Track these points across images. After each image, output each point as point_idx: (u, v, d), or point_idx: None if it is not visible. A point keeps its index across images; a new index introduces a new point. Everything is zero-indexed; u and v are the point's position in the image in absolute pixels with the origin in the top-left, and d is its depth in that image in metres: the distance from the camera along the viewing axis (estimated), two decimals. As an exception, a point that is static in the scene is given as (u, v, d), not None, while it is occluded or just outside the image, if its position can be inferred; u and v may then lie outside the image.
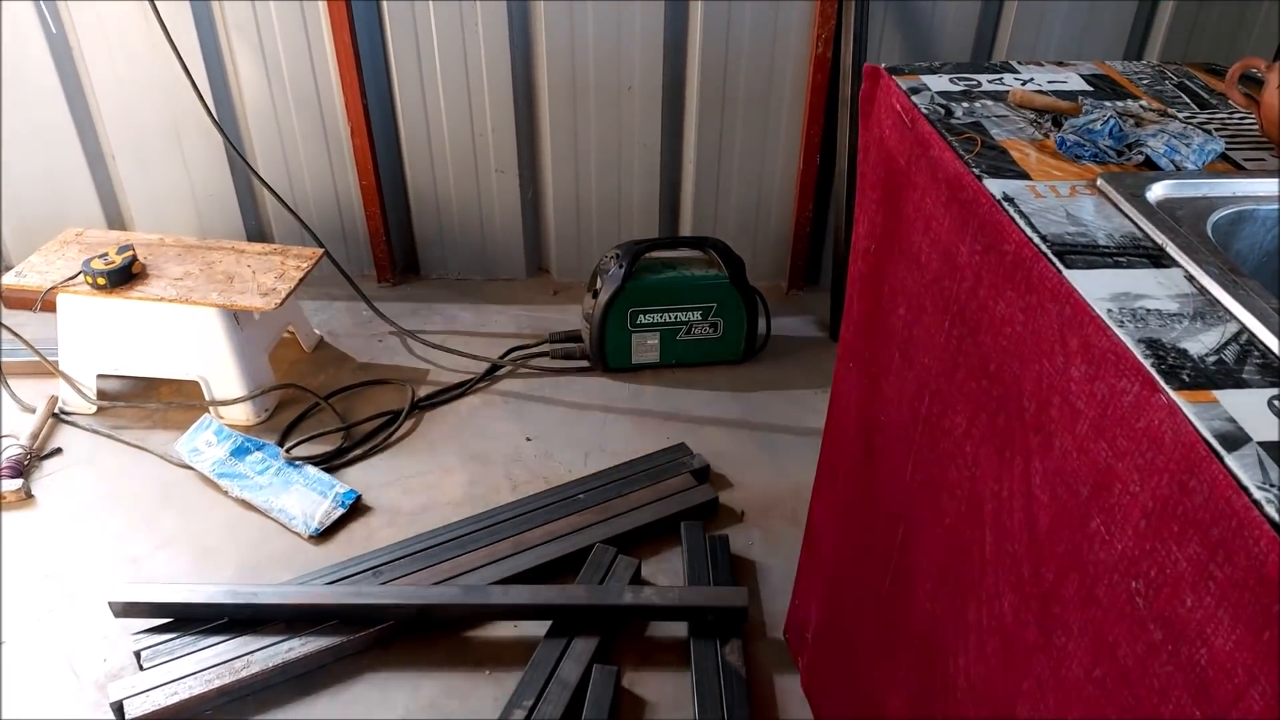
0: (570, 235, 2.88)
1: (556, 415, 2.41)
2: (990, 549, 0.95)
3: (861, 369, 1.34)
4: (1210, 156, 1.03)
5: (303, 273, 2.34)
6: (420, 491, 2.17)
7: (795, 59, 2.55)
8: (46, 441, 2.27)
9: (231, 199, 2.79)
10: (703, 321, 2.52)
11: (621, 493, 2.11)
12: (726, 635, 1.79)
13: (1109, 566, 0.74)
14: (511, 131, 2.68)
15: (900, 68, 1.25)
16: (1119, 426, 0.72)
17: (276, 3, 2.48)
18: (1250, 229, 0.97)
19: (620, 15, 2.49)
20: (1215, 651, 0.62)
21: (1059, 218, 0.90)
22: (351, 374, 2.52)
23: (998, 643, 0.94)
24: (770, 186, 2.78)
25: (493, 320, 2.77)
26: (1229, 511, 0.61)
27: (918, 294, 1.11)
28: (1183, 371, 0.70)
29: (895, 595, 1.24)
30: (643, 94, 2.62)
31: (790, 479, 2.20)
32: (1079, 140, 1.03)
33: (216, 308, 2.21)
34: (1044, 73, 1.26)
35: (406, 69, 2.59)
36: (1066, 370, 0.79)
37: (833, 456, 1.52)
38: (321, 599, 1.81)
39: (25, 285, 2.25)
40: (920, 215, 1.10)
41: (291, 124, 2.67)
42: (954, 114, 1.12)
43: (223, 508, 2.11)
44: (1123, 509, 0.72)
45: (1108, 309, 0.77)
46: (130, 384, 2.45)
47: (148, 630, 1.79)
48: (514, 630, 1.84)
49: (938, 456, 1.08)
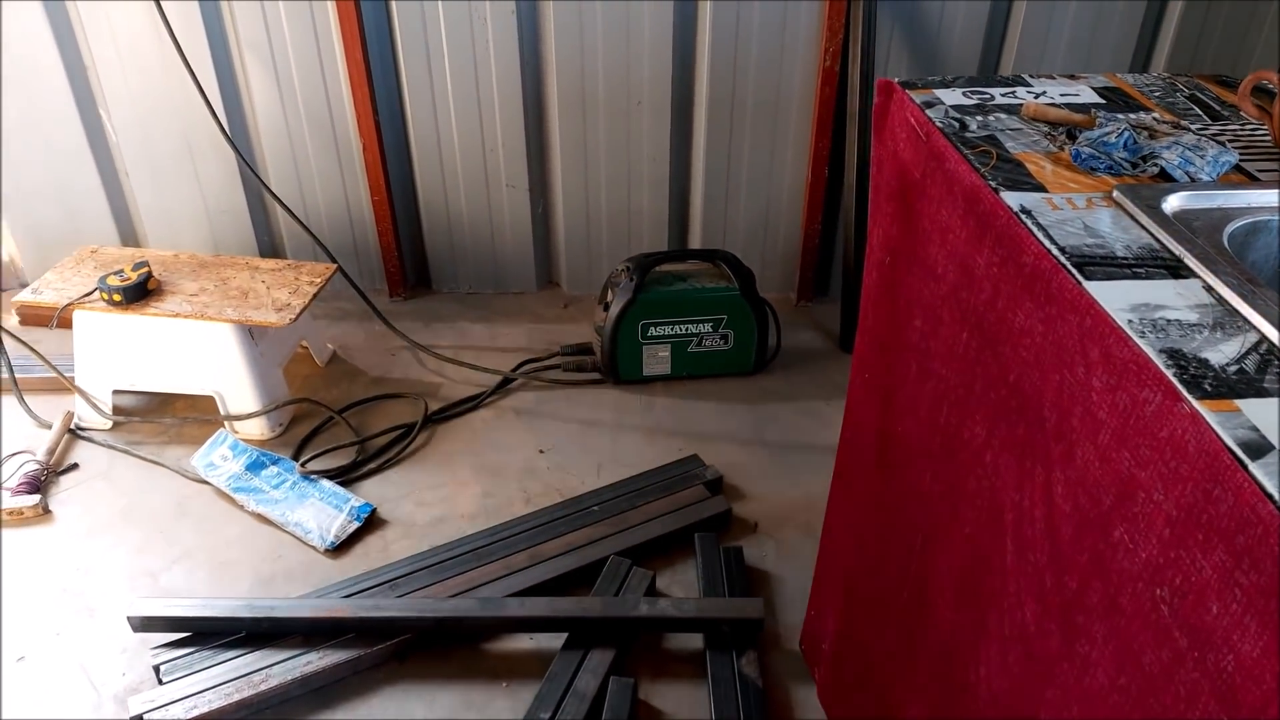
0: (580, 248, 2.90)
1: (569, 427, 2.42)
2: (1011, 558, 0.95)
3: (877, 380, 1.35)
4: (1224, 168, 1.04)
5: (316, 288, 2.36)
6: (435, 504, 2.18)
7: (803, 72, 2.57)
8: (63, 457, 2.29)
9: (244, 215, 2.81)
10: (713, 333, 2.53)
11: (635, 504, 2.11)
12: (743, 647, 1.79)
13: (1133, 575, 0.75)
14: (522, 146, 2.70)
15: (913, 82, 1.26)
16: (1142, 436, 0.73)
17: (289, 20, 2.51)
18: (1266, 239, 0.98)
19: (629, 31, 2.52)
20: (1242, 658, 0.63)
21: (1076, 229, 0.92)
22: (365, 388, 2.54)
23: (1020, 652, 0.95)
24: (779, 199, 2.79)
25: (504, 333, 2.78)
26: (1254, 519, 0.62)
27: (934, 305, 1.12)
28: (1205, 381, 0.71)
29: (914, 605, 1.25)
30: (651, 108, 2.64)
31: (803, 490, 2.20)
32: (1094, 153, 1.04)
33: (231, 323, 2.23)
34: (1056, 86, 1.27)
35: (418, 85, 2.61)
36: (1088, 381, 0.80)
37: (848, 467, 1.52)
38: (338, 612, 1.81)
39: (42, 302, 2.27)
40: (936, 227, 1.11)
41: (304, 140, 2.70)
42: (968, 127, 1.14)
43: (239, 522, 2.12)
44: (1146, 517, 0.73)
45: (1128, 319, 0.78)
46: (145, 399, 2.46)
47: (166, 644, 1.80)
48: (530, 643, 1.84)
49: (956, 466, 1.09)
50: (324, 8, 2.48)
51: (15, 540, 2.06)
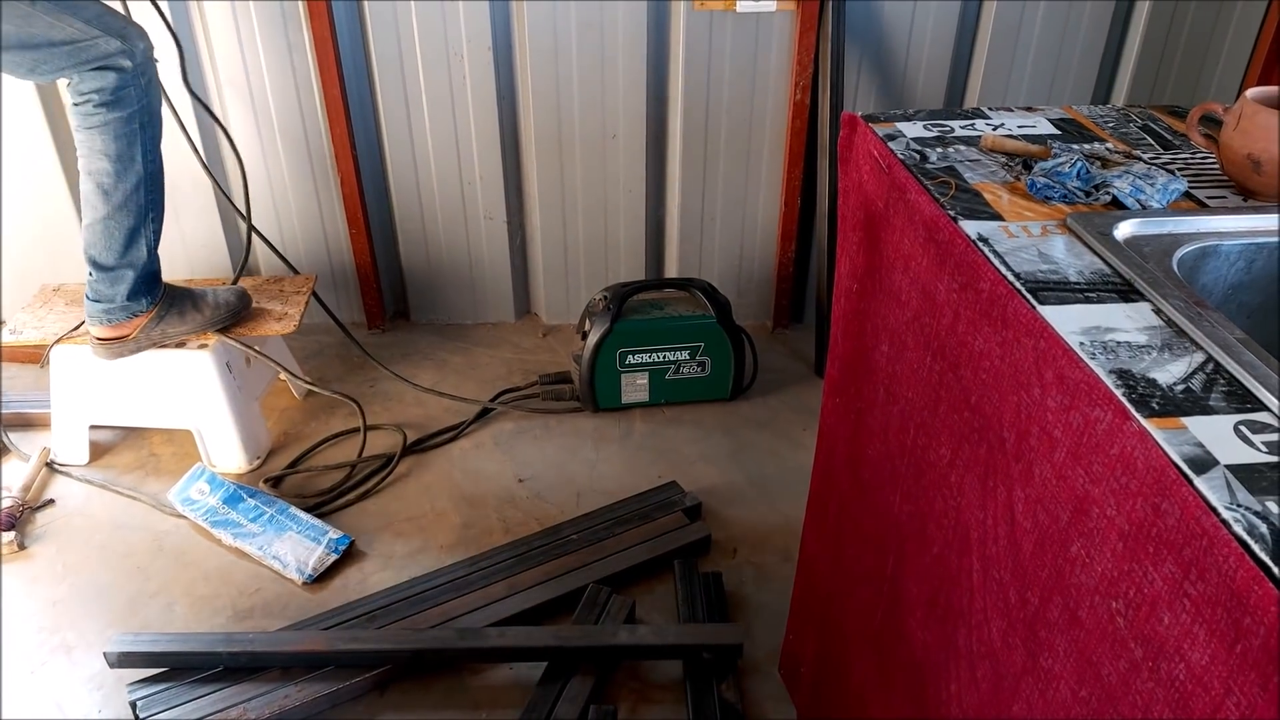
0: (558, 278, 2.93)
1: (548, 456, 2.43)
2: (978, 576, 0.98)
3: (848, 404, 1.38)
4: (1174, 195, 1.08)
5: (304, 298, 2.37)
6: (413, 535, 2.18)
7: (774, 105, 2.63)
8: (40, 493, 2.28)
9: (222, 248, 2.82)
10: (691, 361, 2.56)
11: (614, 532, 2.12)
12: (723, 672, 1.80)
13: (1090, 588, 0.77)
14: (499, 179, 2.73)
15: (876, 115, 1.30)
16: (1094, 453, 0.76)
17: (267, 58, 2.54)
18: (1214, 263, 1.02)
19: (604, 66, 2.56)
20: (1192, 666, 0.66)
21: (1031, 256, 0.95)
22: (343, 420, 2.54)
23: (988, 667, 0.97)
24: (753, 228, 2.84)
25: (483, 363, 2.80)
26: (1199, 531, 0.64)
27: (899, 331, 1.16)
28: (1152, 400, 0.74)
29: (888, 625, 1.27)
30: (627, 141, 2.68)
31: (781, 515, 2.22)
32: (1048, 182, 1.08)
33: (235, 340, 2.23)
34: (1014, 118, 1.32)
35: (395, 121, 2.65)
36: (1043, 401, 0.83)
37: (823, 491, 1.55)
38: (317, 645, 1.81)
39: (27, 341, 2.25)
40: (900, 256, 1.14)
41: (282, 174, 2.72)
42: (929, 159, 1.17)
43: (216, 556, 2.11)
44: (1101, 532, 0.75)
45: (1080, 342, 0.81)
46: (122, 434, 2.46)
47: (143, 680, 1.78)
48: (510, 672, 1.84)
49: (924, 487, 1.11)
50: (302, 46, 2.51)
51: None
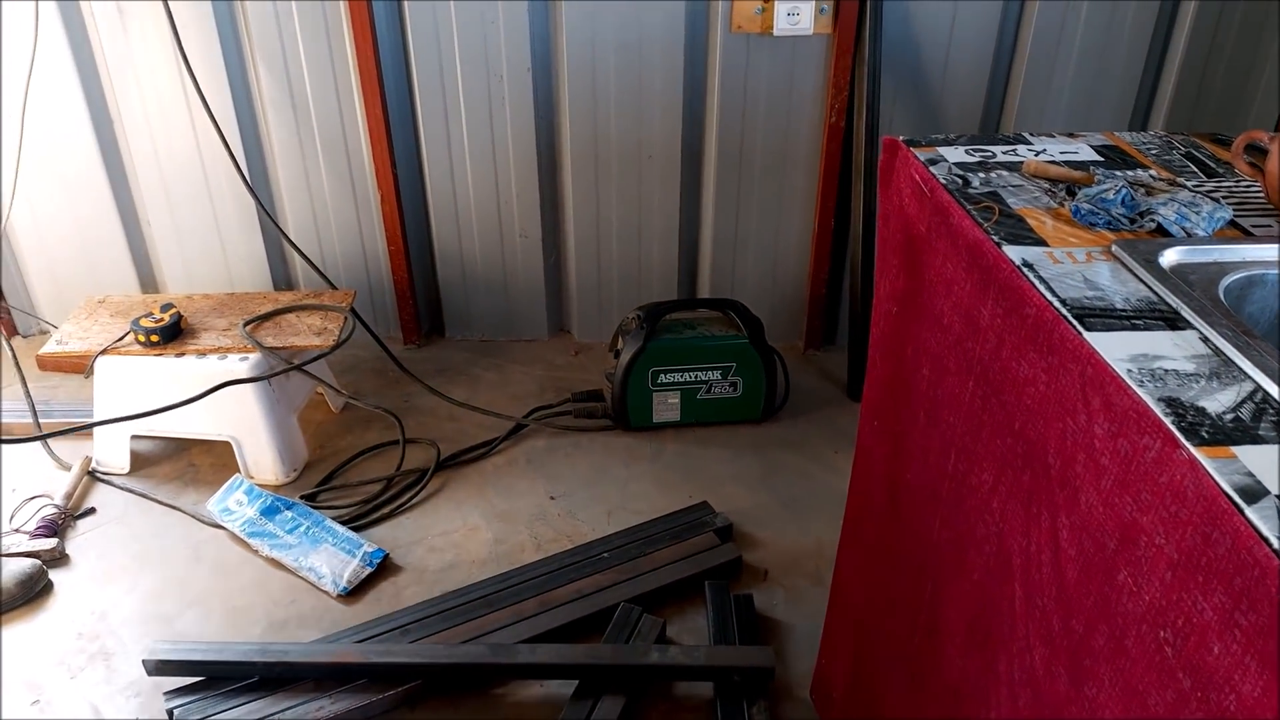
0: (591, 297, 2.95)
1: (579, 474, 2.44)
2: (1020, 602, 0.97)
3: (886, 427, 1.38)
4: (1219, 224, 1.08)
5: (344, 313, 2.40)
6: (446, 550, 2.19)
7: (809, 127, 2.64)
8: (81, 501, 2.32)
9: (263, 263, 2.87)
10: (722, 381, 2.56)
11: (645, 551, 2.13)
12: (753, 696, 1.79)
13: (1137, 617, 0.77)
14: (535, 198, 2.76)
15: (918, 140, 1.31)
16: (1142, 481, 0.76)
17: (311, 76, 2.59)
18: (1261, 293, 1.01)
19: (641, 87, 2.59)
20: (1244, 697, 0.65)
21: (1077, 283, 0.95)
22: (378, 434, 2.57)
23: (1029, 695, 0.96)
24: (786, 250, 2.84)
25: (516, 380, 2.82)
26: (1251, 561, 0.64)
27: (941, 355, 1.16)
28: (1202, 428, 0.74)
29: (924, 650, 1.26)
30: (662, 161, 2.70)
31: (812, 538, 2.22)
32: (1093, 209, 1.08)
33: (274, 352, 2.26)
34: (1056, 144, 1.32)
35: (435, 139, 2.69)
36: (1090, 428, 0.83)
37: (858, 513, 1.54)
38: (350, 657, 1.83)
39: (71, 351, 2.30)
40: (942, 280, 1.15)
41: (323, 191, 2.76)
42: (971, 184, 1.18)
43: (253, 566, 2.14)
44: (1149, 561, 0.75)
45: (1127, 369, 0.81)
46: (163, 444, 2.50)
47: (180, 689, 1.81)
48: (540, 689, 1.85)
49: (965, 512, 1.11)
50: (345, 65, 2.57)
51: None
